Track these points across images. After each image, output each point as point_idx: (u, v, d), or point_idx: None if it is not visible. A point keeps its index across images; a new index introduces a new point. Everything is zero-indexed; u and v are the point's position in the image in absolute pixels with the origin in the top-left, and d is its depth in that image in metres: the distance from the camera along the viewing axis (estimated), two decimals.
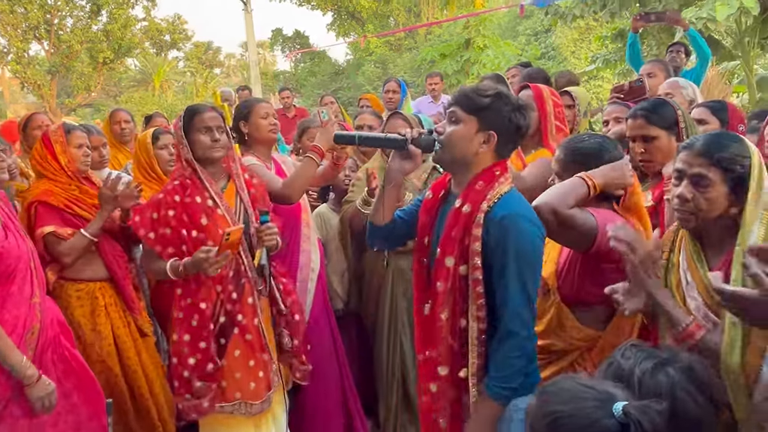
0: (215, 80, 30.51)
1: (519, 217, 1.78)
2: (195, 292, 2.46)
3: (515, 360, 1.77)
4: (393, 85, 5.86)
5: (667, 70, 4.04)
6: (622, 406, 0.95)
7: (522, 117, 1.84)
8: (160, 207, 2.45)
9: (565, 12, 9.01)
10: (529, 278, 1.78)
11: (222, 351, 2.48)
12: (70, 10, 24.47)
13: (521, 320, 1.77)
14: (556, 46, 20.45)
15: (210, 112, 2.51)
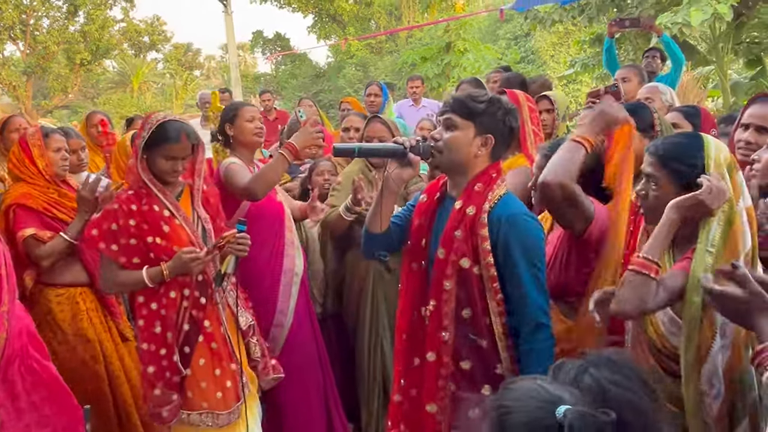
0: (195, 82, 30.28)
1: (522, 215, 1.90)
2: (159, 298, 2.41)
3: (546, 350, 1.86)
4: (375, 89, 5.88)
5: (641, 74, 4.12)
6: (564, 410, 0.98)
7: (514, 119, 1.94)
8: (118, 217, 2.37)
9: (544, 17, 9.12)
10: (540, 271, 1.90)
11: (187, 360, 2.43)
12: (47, 10, 24.13)
13: (544, 311, 1.88)
14: (536, 50, 20.66)
15: (182, 144, 2.38)
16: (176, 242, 2.39)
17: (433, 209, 2.02)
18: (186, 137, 2.39)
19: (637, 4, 8.47)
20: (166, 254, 2.38)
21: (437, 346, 1.92)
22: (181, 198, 2.51)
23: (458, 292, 1.89)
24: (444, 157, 1.92)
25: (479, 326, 1.89)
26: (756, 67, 8.75)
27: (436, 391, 1.92)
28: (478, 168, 1.93)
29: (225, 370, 2.48)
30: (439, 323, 1.91)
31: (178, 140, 2.37)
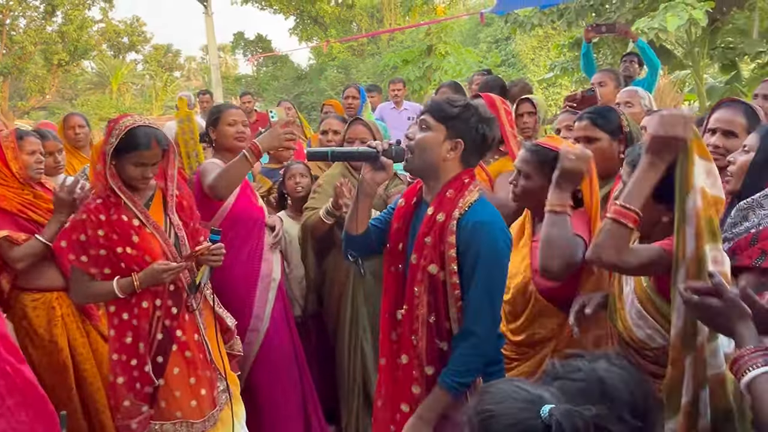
0: (175, 84, 30.00)
1: (488, 224, 1.88)
2: (131, 308, 2.37)
3: (471, 358, 1.87)
4: (352, 91, 5.93)
5: (618, 79, 4.18)
6: (548, 408, 0.99)
7: (488, 128, 1.93)
8: (86, 228, 2.32)
9: (524, 20, 9.21)
10: (495, 283, 1.89)
11: (160, 369, 2.39)
12: (23, 10, 23.75)
13: (481, 321, 1.87)
14: (516, 53, 20.81)
15: (152, 150, 2.33)
16: (147, 252, 2.34)
17: (410, 213, 2.04)
18: (156, 143, 2.33)
19: (615, 9, 8.59)
20: (137, 264, 2.33)
21: (409, 349, 1.95)
22: (152, 204, 2.46)
23: (427, 297, 1.91)
24: (415, 158, 1.94)
25: (442, 331, 1.92)
26: (730, 72, 8.92)
27: (409, 393, 1.96)
28: (449, 173, 1.94)
29: (200, 378, 2.44)
30: (410, 327, 1.94)
31: (148, 146, 2.31)
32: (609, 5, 8.85)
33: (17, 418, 2.38)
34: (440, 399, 1.89)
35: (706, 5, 6.64)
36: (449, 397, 1.88)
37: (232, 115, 3.00)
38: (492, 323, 1.90)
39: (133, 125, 2.32)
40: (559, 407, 0.99)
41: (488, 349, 1.92)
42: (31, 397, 2.43)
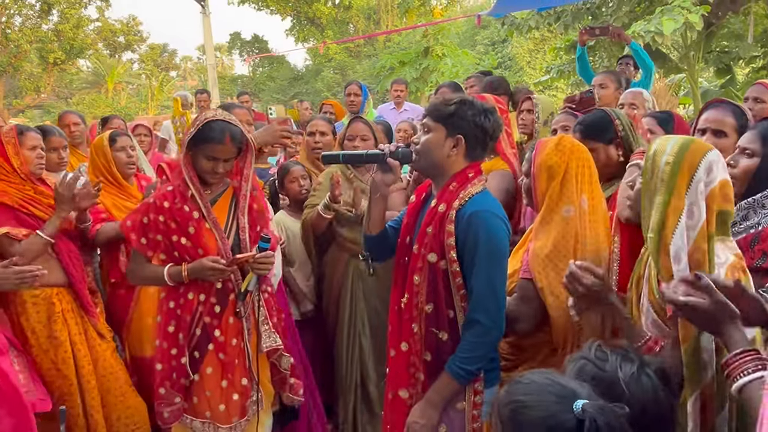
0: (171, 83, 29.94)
1: (487, 212, 1.92)
2: (178, 298, 2.40)
3: (477, 346, 1.92)
4: (354, 88, 5.88)
5: (619, 81, 4.19)
6: (582, 404, 1.00)
7: (487, 120, 1.98)
8: (149, 211, 2.37)
9: (520, 23, 9.23)
10: (496, 270, 1.93)
11: (196, 365, 2.41)
12: (19, 8, 23.71)
13: (485, 309, 1.90)
14: (513, 56, 20.88)
15: (225, 145, 2.31)
16: (201, 245, 2.36)
17: (419, 209, 2.11)
18: (230, 139, 2.32)
19: (612, 12, 8.64)
20: (190, 256, 2.36)
21: (409, 336, 2.00)
22: (219, 200, 2.45)
23: (427, 286, 1.97)
24: (421, 160, 2.02)
25: (441, 320, 1.97)
26: (725, 76, 8.98)
27: (407, 379, 2.02)
28: (454, 168, 1.99)
29: (233, 384, 2.42)
30: (410, 315, 2.00)
31: (221, 141, 2.30)
32: (606, 8, 8.89)
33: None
34: (447, 385, 1.94)
35: (702, 9, 6.69)
36: (455, 384, 1.93)
37: (237, 115, 3.04)
38: (496, 310, 1.93)
39: (211, 118, 2.34)
40: (593, 403, 1.00)
41: (494, 337, 1.95)
42: (5, 392, 2.41)
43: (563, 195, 2.04)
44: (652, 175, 1.61)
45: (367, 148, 3.14)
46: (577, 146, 2.10)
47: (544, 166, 2.05)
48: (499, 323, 1.94)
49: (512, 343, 2.18)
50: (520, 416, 1.03)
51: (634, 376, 1.13)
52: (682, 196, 1.56)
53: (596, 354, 1.18)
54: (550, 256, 2.00)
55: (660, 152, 1.60)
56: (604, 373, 1.14)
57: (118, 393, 2.95)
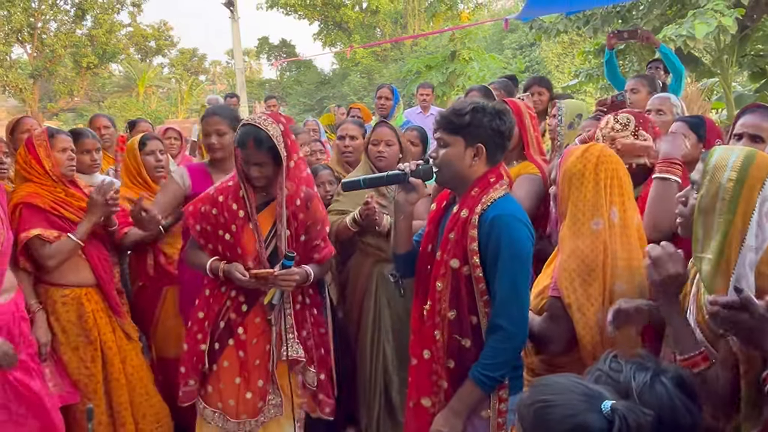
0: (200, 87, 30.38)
1: (509, 217, 1.90)
2: (213, 288, 2.51)
3: (500, 352, 1.88)
4: (386, 92, 5.81)
5: (652, 85, 4.09)
6: (611, 403, 0.99)
7: (502, 122, 1.95)
8: (206, 202, 2.47)
9: (549, 27, 9.14)
10: (519, 274, 1.90)
11: (215, 356, 2.49)
12: (54, 14, 24.29)
13: (507, 314, 1.87)
14: (541, 60, 20.73)
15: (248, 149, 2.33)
16: (240, 245, 2.43)
17: (440, 216, 2.10)
18: (254, 144, 2.31)
19: (642, 16, 8.50)
20: (229, 252, 2.44)
21: (431, 344, 1.98)
22: (268, 207, 2.47)
23: (450, 292, 1.95)
24: (443, 174, 2.00)
25: (464, 326, 1.94)
26: (760, 80, 8.76)
27: (430, 386, 2.00)
28: (476, 175, 1.98)
29: (248, 382, 2.46)
30: (432, 322, 1.98)
31: (245, 146, 2.34)
32: (636, 12, 8.76)
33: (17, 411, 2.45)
34: (471, 392, 1.91)
35: (736, 12, 6.54)
36: (479, 391, 1.90)
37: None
38: (520, 316, 1.90)
39: (247, 122, 2.39)
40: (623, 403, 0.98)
41: (518, 343, 1.92)
42: (25, 395, 2.48)
43: (591, 206, 1.95)
44: (710, 192, 1.49)
45: (392, 154, 3.13)
46: (605, 155, 2.00)
47: (568, 174, 1.98)
48: (522, 328, 1.91)
49: (546, 360, 2.10)
50: (545, 415, 1.01)
51: (647, 384, 1.10)
52: (748, 216, 1.45)
53: (611, 365, 1.15)
54: (578, 270, 1.92)
55: (720, 167, 1.48)
56: (618, 384, 1.11)
57: (143, 392, 3.00)
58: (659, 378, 1.13)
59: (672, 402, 1.09)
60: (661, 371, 1.16)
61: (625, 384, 1.10)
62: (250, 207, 2.42)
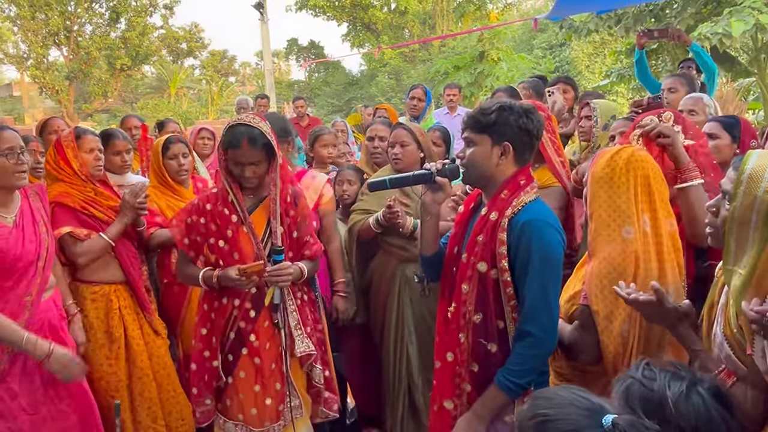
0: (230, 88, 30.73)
1: (541, 222, 1.87)
2: (212, 301, 2.45)
3: (528, 359, 1.86)
4: (419, 93, 5.70)
5: (690, 85, 3.94)
6: (612, 418, 0.95)
7: (530, 121, 1.92)
8: (192, 213, 2.42)
9: (579, 26, 9.02)
10: (550, 281, 1.87)
11: (229, 368, 2.44)
12: (90, 17, 24.87)
13: (536, 321, 1.84)
14: (571, 60, 20.46)
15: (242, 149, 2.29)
16: (237, 249, 2.38)
17: (468, 218, 2.08)
18: (249, 143, 2.28)
19: (676, 14, 8.33)
20: (225, 259, 2.39)
21: (455, 346, 1.97)
22: (259, 207, 2.45)
23: (476, 296, 1.92)
24: (469, 173, 1.99)
25: (490, 330, 1.92)
26: None
27: (453, 389, 1.98)
28: (504, 176, 1.95)
29: (266, 388, 2.43)
30: (457, 325, 1.96)
31: (237, 145, 2.29)
32: (670, 10, 8.58)
33: (58, 407, 2.50)
34: (495, 397, 1.89)
35: None
36: (504, 397, 1.88)
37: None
38: (549, 322, 1.87)
39: (235, 122, 2.34)
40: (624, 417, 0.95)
41: (546, 350, 1.90)
42: (74, 390, 2.53)
43: (621, 213, 1.90)
44: (745, 203, 1.39)
45: (407, 155, 3.10)
46: (636, 159, 1.93)
47: (595, 178, 1.95)
48: (551, 335, 1.88)
49: (576, 366, 2.07)
50: (545, 430, 0.99)
51: (683, 394, 1.06)
52: None
53: (644, 373, 1.11)
54: (609, 277, 1.87)
55: (757, 178, 1.37)
56: (651, 392, 1.07)
57: (170, 388, 3.03)
58: (695, 388, 1.09)
59: (709, 413, 1.05)
60: (698, 381, 1.12)
61: (659, 393, 1.06)
62: (242, 210, 2.38)
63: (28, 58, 24.97)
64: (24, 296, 2.37)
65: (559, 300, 1.94)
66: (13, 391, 2.39)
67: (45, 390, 2.47)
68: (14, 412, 2.39)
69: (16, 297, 2.35)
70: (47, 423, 2.47)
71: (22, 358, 2.40)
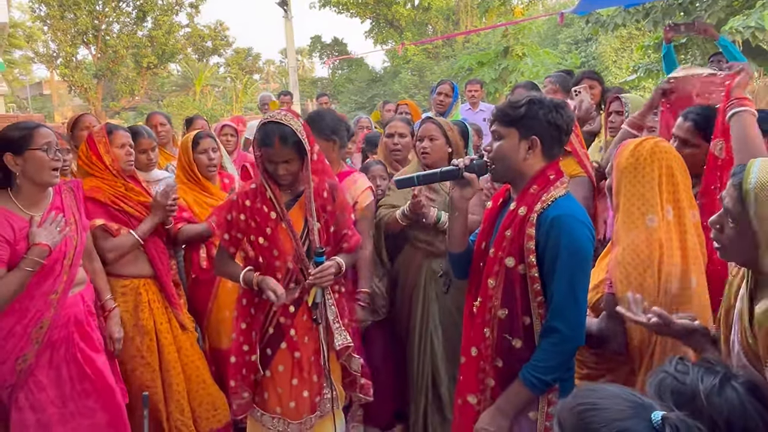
0: (254, 86, 31.00)
1: (570, 217, 1.84)
2: (252, 297, 2.46)
3: (554, 355, 1.84)
4: (446, 88, 5.65)
5: None
6: (662, 414, 0.94)
7: (559, 115, 1.89)
8: (232, 209, 2.43)
9: (606, 21, 8.90)
10: (578, 277, 1.84)
11: (267, 361, 2.46)
12: (117, 16, 25.23)
13: (564, 317, 1.82)
14: (598, 55, 20.19)
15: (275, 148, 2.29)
16: (277, 246, 2.39)
17: (496, 214, 2.07)
18: (280, 141, 2.28)
19: (706, 8, 8.16)
20: (265, 256, 2.39)
21: (480, 341, 1.96)
22: (297, 203, 2.45)
23: (502, 291, 1.91)
24: (498, 168, 1.96)
25: (516, 326, 1.90)
26: None
27: (476, 384, 1.98)
28: (533, 170, 1.92)
29: (304, 381, 2.45)
30: (482, 319, 1.95)
31: (270, 144, 2.29)
32: (699, 3, 8.42)
33: (85, 403, 2.53)
34: (519, 393, 1.87)
35: None
36: (528, 393, 1.86)
37: None
38: (577, 319, 1.85)
39: (267, 120, 2.34)
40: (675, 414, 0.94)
41: (573, 346, 1.87)
42: (101, 387, 2.57)
43: (644, 202, 1.91)
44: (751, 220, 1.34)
45: (436, 149, 3.09)
46: (660, 150, 1.95)
47: (620, 167, 1.96)
48: (578, 332, 1.86)
49: (596, 353, 2.08)
50: (589, 417, 0.97)
51: (716, 388, 1.05)
52: None
53: (677, 367, 1.10)
54: (633, 264, 1.88)
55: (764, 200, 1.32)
56: (684, 386, 1.06)
57: (198, 380, 3.08)
58: (729, 382, 1.08)
59: (743, 407, 1.04)
60: (732, 376, 1.10)
61: (692, 386, 1.05)
62: (280, 207, 2.38)
63: (57, 57, 25.45)
64: (50, 294, 2.41)
65: (587, 296, 1.91)
66: (41, 383, 2.45)
67: (72, 385, 2.51)
68: (43, 404, 2.44)
69: (42, 294, 2.39)
70: (75, 418, 2.51)
71: (49, 352, 2.45)
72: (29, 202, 2.43)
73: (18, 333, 2.36)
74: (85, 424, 2.53)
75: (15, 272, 2.32)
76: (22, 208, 2.41)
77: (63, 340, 2.48)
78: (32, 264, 2.34)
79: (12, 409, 2.42)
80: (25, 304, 2.36)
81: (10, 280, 2.31)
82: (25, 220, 2.39)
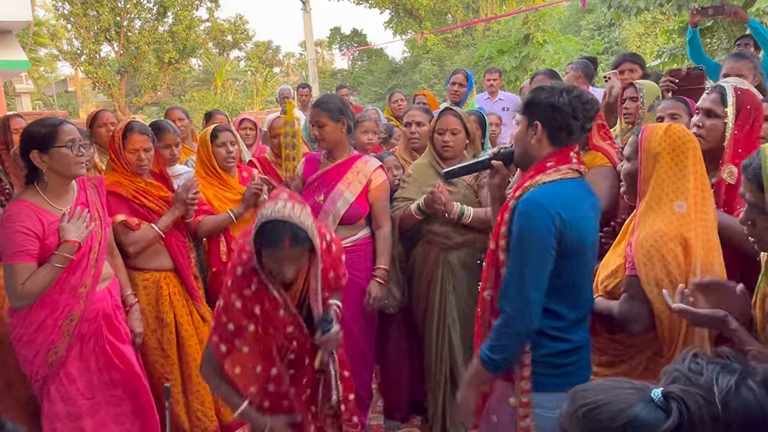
0: (274, 79, 31.07)
1: (533, 203, 1.82)
2: None
3: (502, 336, 1.86)
4: (460, 78, 5.58)
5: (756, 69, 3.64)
6: (661, 390, 0.93)
7: (562, 98, 1.85)
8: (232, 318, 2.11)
9: (628, 5, 8.70)
10: (527, 262, 1.82)
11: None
12: (138, 12, 25.44)
13: (509, 299, 1.85)
14: (621, 40, 19.86)
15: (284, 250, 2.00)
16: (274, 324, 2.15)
17: None
18: (291, 242, 1.97)
19: None
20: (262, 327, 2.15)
21: (478, 322, 2.04)
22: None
23: (487, 273, 1.98)
24: (516, 155, 2.02)
25: (495, 307, 1.94)
26: None
27: None
28: (540, 156, 1.93)
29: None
30: (483, 305, 2.01)
31: (277, 245, 1.98)
32: None
33: (113, 393, 2.60)
34: (477, 369, 1.93)
35: None
36: (483, 369, 1.90)
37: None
38: (522, 302, 1.82)
39: (268, 218, 1.99)
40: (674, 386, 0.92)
41: (517, 329, 1.84)
42: (129, 376, 2.64)
43: (676, 187, 1.88)
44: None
45: (458, 142, 3.07)
46: (690, 137, 1.93)
47: (652, 152, 1.91)
48: (523, 314, 1.82)
49: (614, 339, 2.05)
50: (595, 416, 0.96)
51: (732, 390, 1.00)
52: None
53: (690, 365, 1.06)
54: (656, 246, 1.84)
55: None
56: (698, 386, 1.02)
57: None
58: (746, 381, 1.03)
59: (761, 409, 0.99)
60: (749, 374, 1.05)
61: (706, 387, 1.01)
62: (286, 303, 2.14)
63: (81, 54, 25.76)
64: (78, 287, 2.47)
65: (540, 284, 1.84)
66: (72, 375, 2.51)
67: (100, 375, 2.57)
68: (73, 396, 2.50)
69: (71, 288, 2.46)
70: (103, 407, 2.57)
71: (79, 345, 2.50)
72: (56, 196, 2.51)
73: (49, 326, 2.43)
74: (113, 413, 2.60)
75: (45, 267, 2.39)
76: (51, 203, 2.48)
77: (92, 333, 2.55)
78: (62, 260, 2.41)
79: (44, 401, 2.49)
80: (54, 297, 2.42)
81: (40, 276, 2.38)
82: (54, 215, 2.46)
